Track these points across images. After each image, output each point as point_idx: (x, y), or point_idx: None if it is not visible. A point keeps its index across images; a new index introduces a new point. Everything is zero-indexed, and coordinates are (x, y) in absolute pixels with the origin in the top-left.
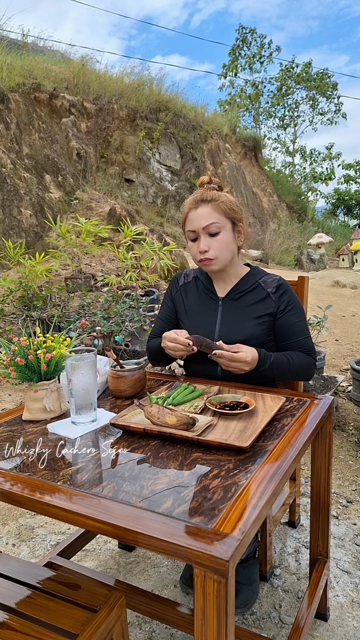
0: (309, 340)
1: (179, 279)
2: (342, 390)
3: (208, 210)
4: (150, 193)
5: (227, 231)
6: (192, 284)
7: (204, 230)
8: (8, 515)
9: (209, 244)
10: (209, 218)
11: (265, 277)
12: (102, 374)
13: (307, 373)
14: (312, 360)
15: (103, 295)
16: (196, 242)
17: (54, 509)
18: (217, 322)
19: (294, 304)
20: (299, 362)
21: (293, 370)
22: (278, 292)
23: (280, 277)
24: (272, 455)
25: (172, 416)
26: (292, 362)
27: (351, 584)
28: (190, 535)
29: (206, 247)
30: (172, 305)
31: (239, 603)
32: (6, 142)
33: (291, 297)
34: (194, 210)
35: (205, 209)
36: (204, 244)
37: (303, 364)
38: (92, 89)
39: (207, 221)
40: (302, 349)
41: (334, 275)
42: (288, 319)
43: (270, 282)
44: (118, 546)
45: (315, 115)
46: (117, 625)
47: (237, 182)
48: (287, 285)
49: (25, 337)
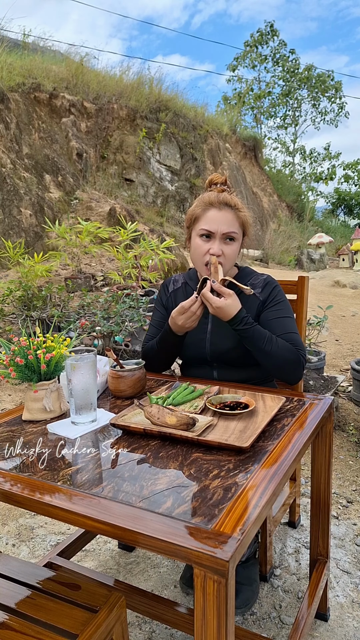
0: (296, 336)
1: (168, 285)
2: (342, 390)
3: (232, 217)
4: (150, 193)
5: (238, 242)
6: (181, 290)
7: (224, 235)
8: (8, 515)
9: (223, 249)
10: (231, 225)
11: (253, 278)
12: (102, 374)
13: (292, 369)
14: (299, 358)
15: (103, 295)
16: (208, 241)
17: (54, 509)
18: (207, 330)
19: (280, 300)
20: (282, 351)
21: (273, 353)
22: (265, 290)
23: (268, 276)
24: (272, 455)
25: (172, 416)
26: (275, 345)
27: (351, 584)
28: (190, 536)
29: (219, 252)
30: (165, 312)
31: (239, 603)
32: (6, 142)
33: (278, 294)
34: (216, 210)
35: (229, 215)
36: (218, 248)
37: (287, 355)
38: (92, 88)
39: (229, 228)
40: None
41: (334, 275)
42: (273, 313)
43: (257, 283)
44: (118, 546)
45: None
46: (117, 625)
47: (237, 182)
48: (274, 283)
49: (25, 337)
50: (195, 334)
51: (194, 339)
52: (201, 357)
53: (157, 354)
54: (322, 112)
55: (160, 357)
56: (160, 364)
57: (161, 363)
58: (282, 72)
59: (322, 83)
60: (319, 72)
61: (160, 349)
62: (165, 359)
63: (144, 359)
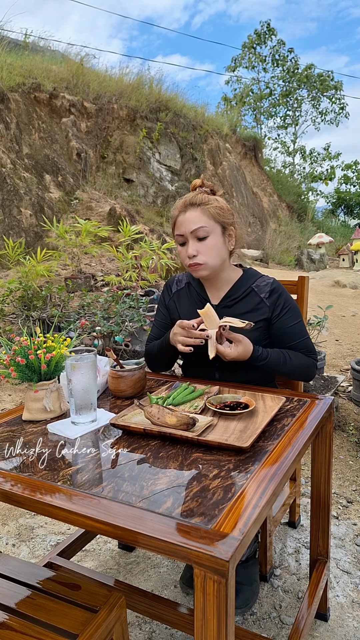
0: (307, 342)
1: (172, 285)
2: (342, 390)
3: (197, 214)
4: (150, 193)
5: (216, 235)
6: (184, 290)
7: (192, 234)
8: (8, 515)
9: (197, 248)
10: (197, 222)
11: (258, 280)
12: (102, 374)
13: (307, 374)
14: (313, 362)
15: (103, 295)
16: (185, 247)
17: (54, 509)
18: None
19: (290, 306)
20: (297, 363)
21: (290, 371)
22: (272, 296)
23: (274, 280)
24: (272, 455)
25: (172, 416)
26: (290, 362)
27: (351, 584)
28: (190, 536)
29: (194, 252)
30: (167, 312)
31: (239, 603)
32: (6, 142)
33: (286, 299)
34: (182, 214)
35: (193, 213)
36: (192, 249)
37: (302, 364)
38: (92, 88)
39: (195, 225)
40: (302, 351)
41: (334, 275)
42: (284, 322)
43: (263, 286)
44: (118, 546)
45: (317, 115)
46: (117, 625)
47: (237, 182)
48: (281, 287)
49: (26, 337)
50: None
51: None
52: (203, 358)
53: (158, 357)
54: (322, 112)
55: (160, 361)
56: (161, 366)
57: (162, 366)
58: (282, 72)
59: (322, 82)
60: (319, 72)
61: (160, 355)
62: (165, 362)
63: (145, 358)
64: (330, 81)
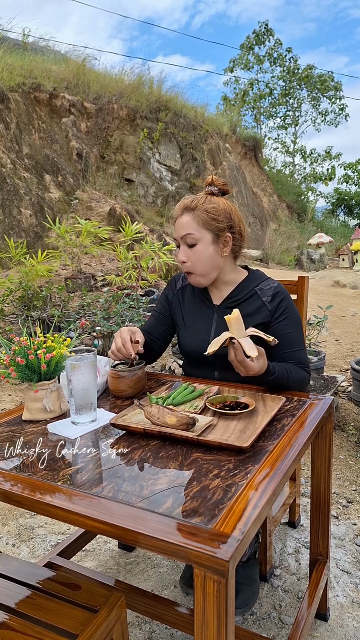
0: (301, 353)
1: (177, 281)
2: (342, 390)
3: (188, 220)
4: (150, 193)
5: (204, 244)
6: (189, 287)
7: (182, 240)
8: (8, 515)
9: (187, 255)
10: (186, 228)
11: (262, 283)
12: (102, 374)
13: (301, 387)
14: (307, 375)
15: (103, 295)
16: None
17: (54, 509)
18: (211, 332)
19: (290, 313)
20: (295, 377)
21: (290, 385)
22: (274, 300)
23: (279, 284)
24: (272, 455)
25: (172, 416)
26: (290, 377)
27: (351, 584)
28: (190, 536)
29: (184, 258)
30: (168, 307)
31: (239, 603)
32: (6, 142)
33: (288, 306)
34: (179, 218)
35: (185, 218)
36: (181, 254)
37: (299, 378)
38: (92, 88)
39: (184, 231)
40: (295, 362)
41: (334, 275)
42: (281, 328)
43: (267, 289)
44: (118, 546)
45: (317, 115)
46: (117, 625)
47: (237, 182)
48: (284, 293)
49: (26, 337)
50: (198, 335)
51: (196, 339)
52: (203, 357)
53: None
54: (322, 112)
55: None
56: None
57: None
58: (281, 72)
59: (322, 82)
60: (319, 73)
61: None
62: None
63: None
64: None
